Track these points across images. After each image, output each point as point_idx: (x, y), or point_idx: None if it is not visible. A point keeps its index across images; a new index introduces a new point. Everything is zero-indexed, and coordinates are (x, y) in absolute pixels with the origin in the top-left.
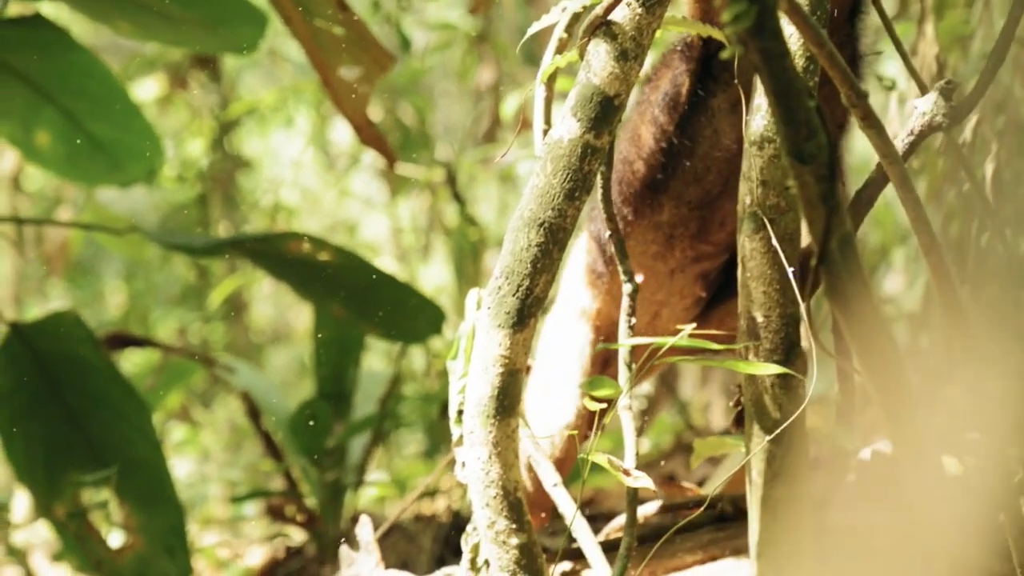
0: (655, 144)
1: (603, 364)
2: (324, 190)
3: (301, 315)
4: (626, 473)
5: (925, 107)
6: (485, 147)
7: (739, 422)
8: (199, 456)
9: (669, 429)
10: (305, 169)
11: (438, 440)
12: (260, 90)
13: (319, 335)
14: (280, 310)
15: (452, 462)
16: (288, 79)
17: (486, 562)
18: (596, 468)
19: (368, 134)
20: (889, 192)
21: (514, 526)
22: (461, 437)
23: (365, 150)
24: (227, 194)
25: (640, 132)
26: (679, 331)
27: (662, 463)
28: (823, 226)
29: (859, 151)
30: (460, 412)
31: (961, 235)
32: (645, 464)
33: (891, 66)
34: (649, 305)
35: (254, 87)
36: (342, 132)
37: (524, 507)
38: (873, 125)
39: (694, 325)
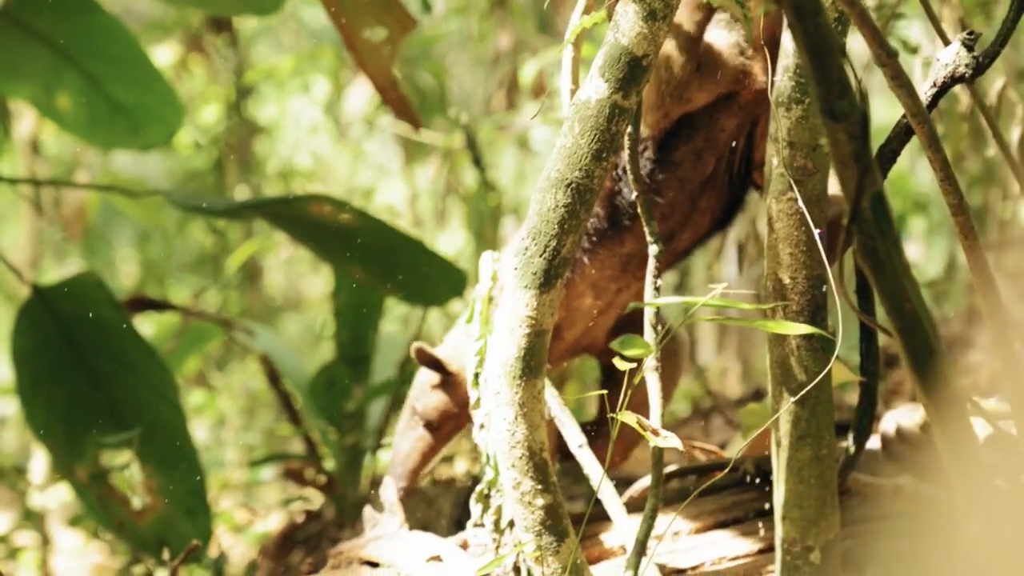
0: (623, 198)
1: None
2: (338, 157)
3: (313, 284)
4: (655, 433)
5: (947, 58)
6: (503, 113)
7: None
8: (215, 421)
9: (686, 396)
10: (320, 136)
11: None
12: (273, 57)
13: (339, 298)
14: (291, 279)
15: (482, 426)
16: (302, 45)
17: (510, 523)
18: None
19: (392, 96)
20: (904, 160)
21: (540, 487)
22: (478, 400)
23: (381, 116)
24: (243, 160)
25: (607, 182)
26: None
27: (679, 430)
28: (855, 185)
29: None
30: (476, 375)
31: (984, 203)
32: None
33: (914, 30)
34: (590, 313)
35: (267, 54)
36: (356, 100)
37: (550, 468)
38: (903, 85)
39: (725, 284)
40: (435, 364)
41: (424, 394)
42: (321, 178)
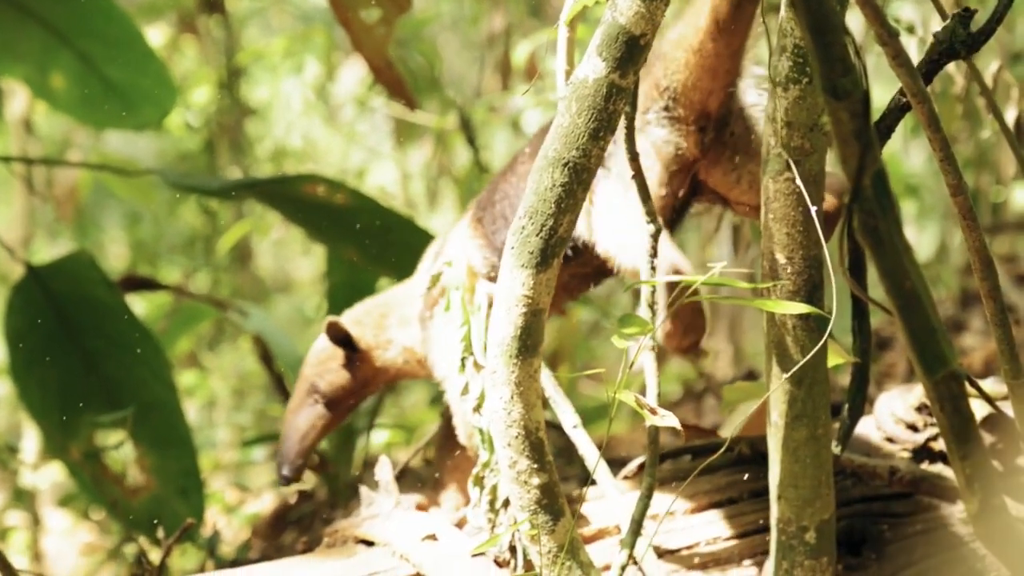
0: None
1: None
2: (329, 139)
3: (301, 267)
4: (652, 412)
5: (942, 35)
6: (495, 95)
7: None
8: (207, 401)
9: (677, 378)
10: (310, 118)
11: None
12: (263, 40)
13: (332, 278)
14: (280, 262)
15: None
16: (294, 27)
17: (505, 502)
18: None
19: (387, 76)
20: (896, 143)
21: (536, 466)
22: (466, 385)
23: (373, 97)
24: (234, 141)
25: None
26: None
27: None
28: (857, 163)
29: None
30: (463, 360)
31: (976, 187)
32: None
33: (908, 10)
34: None
35: (257, 37)
36: (346, 82)
37: (546, 447)
38: (903, 64)
39: (723, 263)
40: (347, 341)
41: (328, 371)
42: (313, 159)
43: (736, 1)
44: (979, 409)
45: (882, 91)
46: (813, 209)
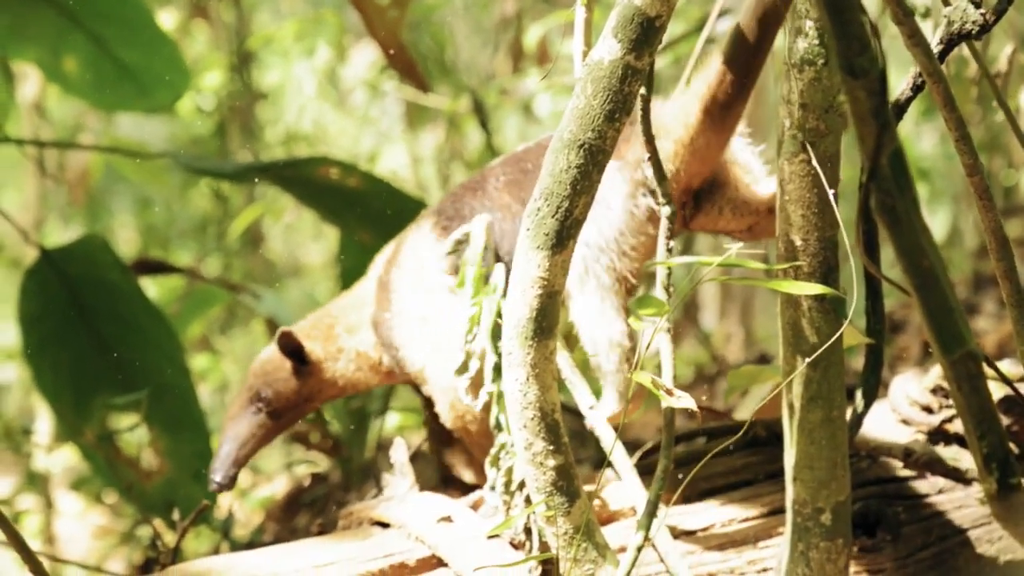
0: None
1: None
2: (340, 123)
3: (312, 251)
4: (669, 393)
5: (955, 15)
6: (506, 78)
7: None
8: (219, 385)
9: (690, 361)
10: (322, 102)
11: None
12: (274, 24)
13: (345, 262)
14: (290, 247)
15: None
16: (303, 11)
17: (521, 484)
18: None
19: (400, 59)
20: (907, 127)
21: (552, 448)
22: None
23: (384, 81)
24: (245, 125)
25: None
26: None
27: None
28: (874, 142)
29: None
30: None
31: (987, 170)
32: None
33: None
34: None
35: (268, 21)
36: (357, 66)
37: (562, 429)
38: (919, 44)
39: (740, 246)
40: (298, 353)
41: (275, 381)
42: (324, 144)
43: (726, 102)
44: (995, 391)
45: (894, 75)
46: (831, 192)
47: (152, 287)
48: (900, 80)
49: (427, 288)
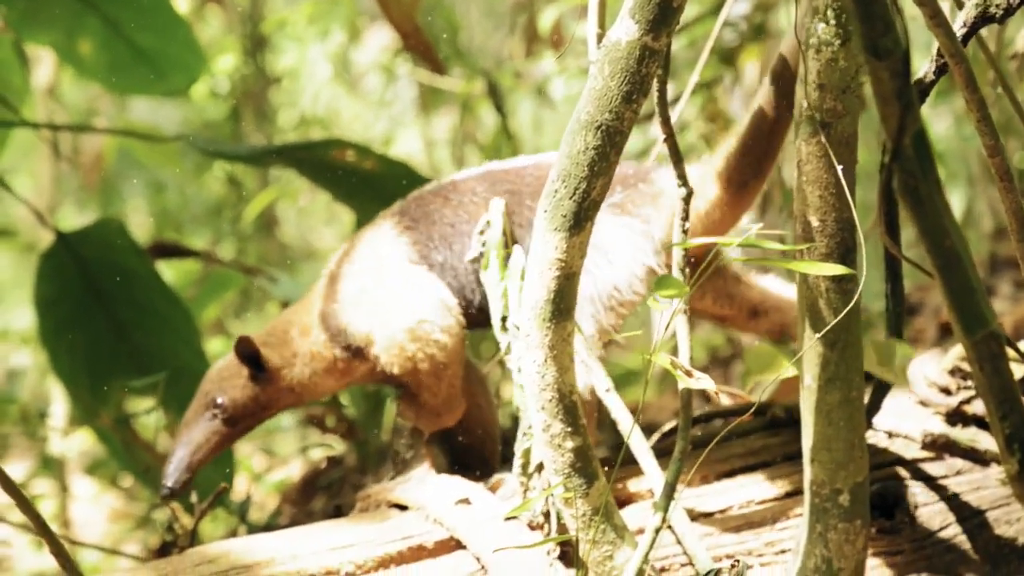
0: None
1: None
2: (353, 107)
3: (325, 235)
4: (687, 374)
5: None
6: (520, 61)
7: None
8: None
9: (706, 344)
10: (335, 86)
11: (477, 353)
12: (287, 8)
13: None
14: (303, 231)
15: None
16: None
17: (539, 466)
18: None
19: (416, 42)
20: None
21: (569, 429)
22: (508, 346)
23: (398, 64)
24: (259, 109)
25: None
26: None
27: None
28: (897, 123)
29: None
30: (503, 319)
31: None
32: None
33: None
34: None
35: (281, 6)
36: (372, 48)
37: (579, 410)
38: (941, 24)
39: (759, 226)
40: (255, 360)
41: (231, 387)
42: (337, 128)
43: (743, 180)
44: (1015, 371)
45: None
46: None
47: (168, 271)
48: (918, 62)
49: (377, 270)
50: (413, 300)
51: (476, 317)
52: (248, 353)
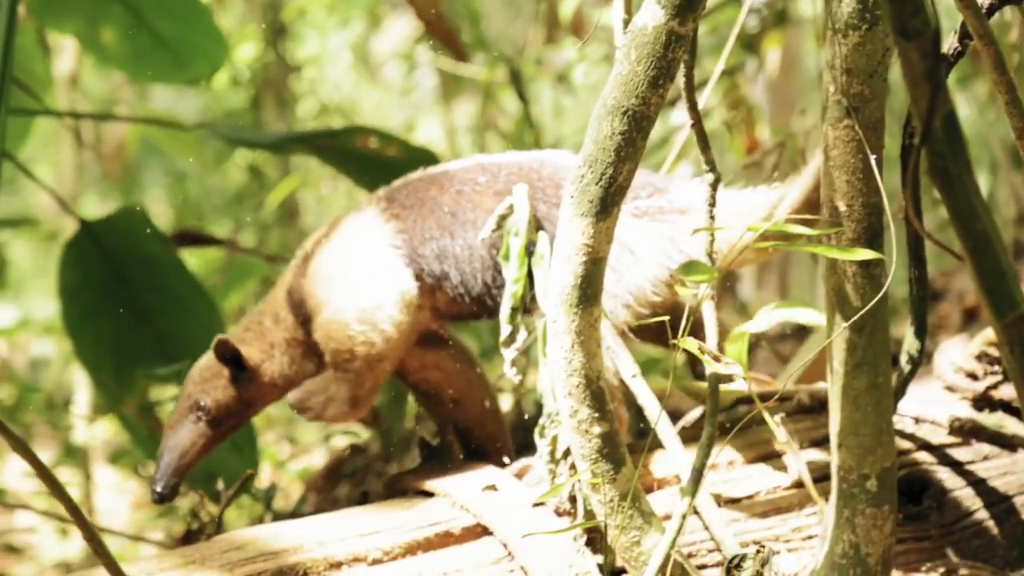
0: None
1: None
2: (373, 95)
3: None
4: (715, 359)
5: None
6: (541, 48)
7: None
8: None
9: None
10: (355, 74)
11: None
12: None
13: None
14: (324, 219)
15: (514, 363)
16: None
17: (566, 452)
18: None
19: (438, 29)
20: None
21: (597, 415)
22: (511, 335)
23: (418, 52)
24: (279, 98)
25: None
26: None
27: None
28: (927, 104)
29: None
30: (515, 309)
31: None
32: None
33: None
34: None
35: None
36: (392, 37)
37: (606, 396)
38: (969, 5)
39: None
40: (235, 360)
41: (213, 388)
42: (357, 116)
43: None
44: None
45: None
46: (872, 158)
47: (191, 259)
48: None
49: (350, 247)
50: (376, 284)
51: (471, 307)
52: (228, 354)
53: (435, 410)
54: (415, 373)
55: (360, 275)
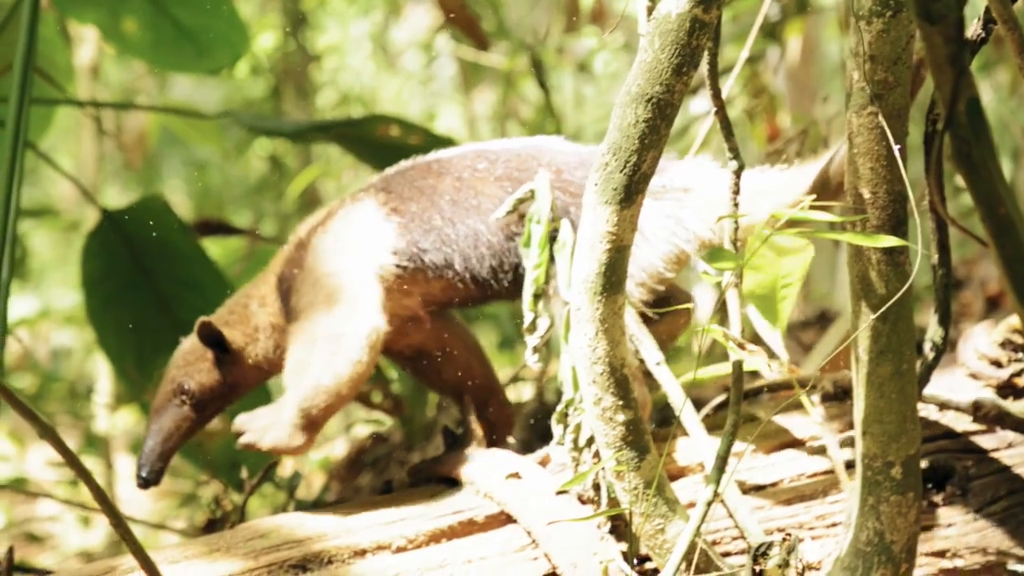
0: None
1: None
2: (392, 84)
3: None
4: (740, 347)
5: None
6: (562, 36)
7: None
8: None
9: (745, 319)
10: (376, 63)
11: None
12: None
13: None
14: None
15: (536, 350)
16: None
17: (589, 440)
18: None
19: (460, 17)
20: None
21: (621, 402)
22: (533, 322)
23: (438, 41)
24: (299, 87)
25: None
26: None
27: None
28: (951, 89)
29: None
30: (536, 296)
31: None
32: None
33: None
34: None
35: None
36: (413, 25)
37: (630, 384)
38: None
39: (814, 197)
40: (219, 342)
41: (197, 372)
42: (377, 105)
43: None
44: None
45: None
46: (895, 147)
47: (213, 248)
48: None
49: (349, 254)
50: (352, 316)
51: (474, 292)
52: (211, 337)
53: (424, 373)
54: (396, 343)
55: (341, 302)
